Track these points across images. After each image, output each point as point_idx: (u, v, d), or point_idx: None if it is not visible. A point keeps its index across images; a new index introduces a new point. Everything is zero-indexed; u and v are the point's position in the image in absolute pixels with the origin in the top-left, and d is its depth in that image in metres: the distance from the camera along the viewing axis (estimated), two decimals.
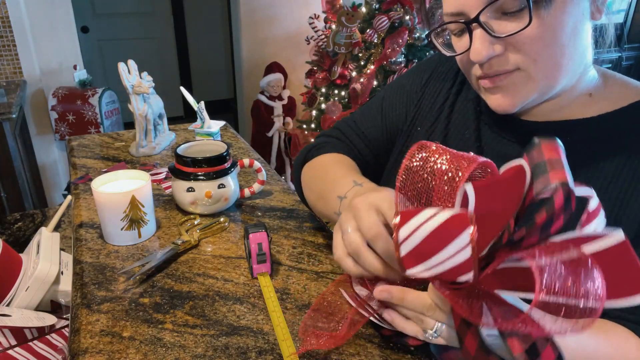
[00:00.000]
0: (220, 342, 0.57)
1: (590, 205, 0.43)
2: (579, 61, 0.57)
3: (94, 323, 0.60)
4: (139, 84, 1.09)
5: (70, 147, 1.21)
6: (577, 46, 0.55)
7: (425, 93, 0.75)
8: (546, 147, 0.41)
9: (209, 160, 0.84)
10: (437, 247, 0.42)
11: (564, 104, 0.60)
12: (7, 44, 2.36)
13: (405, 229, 0.43)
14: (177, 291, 0.67)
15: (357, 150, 0.80)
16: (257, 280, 0.69)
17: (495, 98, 0.58)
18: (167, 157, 1.16)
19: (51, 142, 2.63)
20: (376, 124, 0.79)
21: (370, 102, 0.83)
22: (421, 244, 0.42)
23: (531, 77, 0.55)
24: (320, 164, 0.77)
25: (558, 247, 0.38)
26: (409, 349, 0.58)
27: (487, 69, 0.56)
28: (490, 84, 0.57)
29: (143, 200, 0.77)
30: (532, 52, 0.52)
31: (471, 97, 0.70)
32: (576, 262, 0.37)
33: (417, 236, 0.42)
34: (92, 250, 0.76)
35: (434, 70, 0.76)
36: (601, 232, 0.39)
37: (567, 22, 0.52)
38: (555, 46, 0.52)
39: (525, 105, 0.59)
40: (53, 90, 2.43)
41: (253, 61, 3.27)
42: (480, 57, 0.53)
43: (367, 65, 2.48)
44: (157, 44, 4.29)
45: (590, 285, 0.35)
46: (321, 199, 0.71)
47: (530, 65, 0.53)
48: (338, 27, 2.44)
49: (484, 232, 0.40)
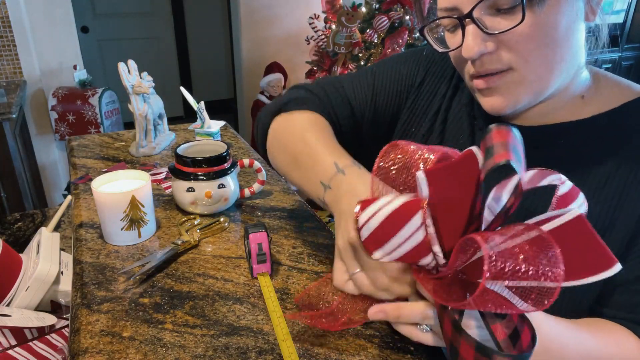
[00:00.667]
0: (220, 342, 0.57)
1: (560, 190, 0.44)
2: (571, 62, 0.56)
3: (94, 323, 0.60)
4: (139, 84, 1.09)
5: (70, 147, 1.21)
6: (570, 47, 0.54)
7: (421, 93, 0.74)
8: (496, 133, 0.42)
9: (209, 160, 0.84)
10: (392, 230, 0.44)
11: (557, 107, 0.60)
12: (7, 44, 2.36)
13: (364, 215, 0.45)
14: (177, 291, 0.67)
15: (337, 116, 0.75)
16: (257, 280, 0.69)
17: (488, 100, 0.58)
18: (167, 157, 1.16)
19: (51, 142, 2.63)
20: (365, 99, 0.75)
21: (359, 74, 0.78)
22: (378, 228, 0.44)
23: (523, 78, 0.54)
24: (299, 121, 0.71)
25: (519, 229, 0.39)
26: (409, 348, 0.58)
27: (479, 67, 0.55)
28: (484, 85, 0.56)
29: (143, 200, 0.77)
30: (524, 52, 0.52)
31: (465, 102, 0.70)
32: (534, 241, 0.38)
33: (374, 221, 0.44)
34: (92, 250, 0.76)
35: (428, 70, 0.75)
36: (560, 211, 0.40)
37: (561, 21, 0.51)
38: (547, 46, 0.52)
39: (519, 108, 0.58)
40: (53, 90, 2.43)
41: (253, 61, 3.27)
42: (471, 52, 0.53)
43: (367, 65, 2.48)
44: (157, 44, 4.29)
45: (547, 263, 0.37)
46: (298, 169, 0.66)
47: (522, 65, 0.53)
48: (338, 27, 2.44)
49: (444, 216, 0.42)
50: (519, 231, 0.39)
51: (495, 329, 0.42)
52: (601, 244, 0.39)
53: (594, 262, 0.39)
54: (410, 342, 0.59)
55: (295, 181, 0.68)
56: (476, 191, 0.42)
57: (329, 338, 0.58)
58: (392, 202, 0.44)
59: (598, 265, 0.39)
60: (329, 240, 0.81)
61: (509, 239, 0.39)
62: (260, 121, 0.78)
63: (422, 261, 0.45)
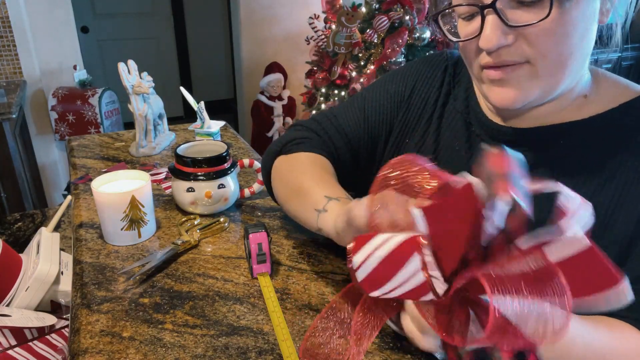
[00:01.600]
0: (220, 342, 0.57)
1: (560, 200, 0.44)
2: (582, 63, 0.56)
3: (94, 323, 0.60)
4: (139, 84, 1.09)
5: (70, 147, 1.21)
6: (584, 47, 0.55)
7: (411, 105, 0.75)
8: (493, 160, 0.41)
9: (209, 160, 0.84)
10: (390, 273, 0.43)
11: (561, 107, 0.60)
12: (7, 44, 2.36)
13: (360, 255, 0.44)
14: (177, 291, 0.67)
15: (334, 147, 0.77)
16: (257, 280, 0.69)
17: (499, 92, 0.56)
18: (167, 157, 1.16)
19: (51, 142, 2.63)
20: (358, 124, 0.77)
21: (350, 101, 0.81)
22: (375, 270, 0.43)
23: (537, 73, 0.54)
24: (298, 163, 0.75)
25: (521, 255, 0.38)
26: (409, 348, 0.58)
27: (495, 58, 0.54)
28: (499, 76, 0.55)
29: (143, 200, 0.77)
30: (543, 47, 0.52)
31: (460, 109, 0.70)
32: (540, 272, 0.37)
33: (370, 263, 0.43)
34: (92, 250, 0.76)
35: (417, 80, 0.75)
36: (567, 237, 0.38)
37: (581, 21, 0.51)
38: (565, 44, 0.52)
39: (525, 106, 0.58)
40: (53, 90, 2.43)
41: (253, 61, 3.27)
42: (490, 44, 0.52)
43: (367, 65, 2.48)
44: (157, 44, 4.29)
45: (554, 297, 0.36)
46: (296, 198, 0.70)
47: (538, 60, 0.53)
48: (338, 27, 2.44)
49: (443, 246, 0.42)
50: (522, 259, 0.38)
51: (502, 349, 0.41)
52: (606, 263, 0.38)
53: (600, 280, 0.38)
54: (410, 342, 0.59)
55: (292, 213, 0.72)
56: (476, 222, 0.41)
57: None
58: (388, 242, 0.43)
59: (604, 283, 0.38)
60: (329, 240, 0.81)
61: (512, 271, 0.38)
62: (263, 164, 0.83)
63: (423, 298, 0.44)
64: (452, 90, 0.72)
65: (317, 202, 0.64)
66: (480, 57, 0.56)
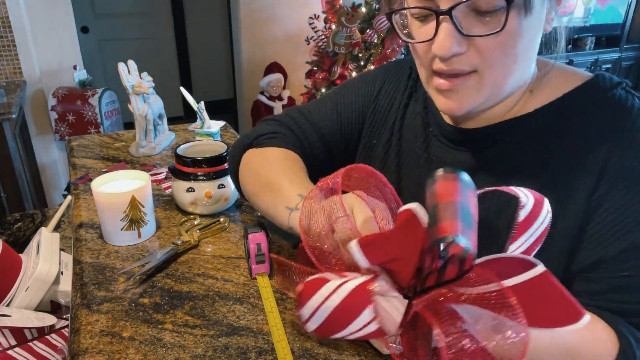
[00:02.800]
0: (220, 342, 0.57)
1: (520, 216, 0.45)
2: (526, 68, 0.57)
3: (94, 323, 0.60)
4: (138, 84, 1.09)
5: (70, 147, 1.21)
6: (530, 54, 0.56)
7: (378, 105, 0.76)
8: (441, 186, 0.41)
9: (208, 160, 0.84)
10: (343, 322, 0.44)
11: (510, 105, 0.61)
12: (7, 44, 2.36)
13: (308, 307, 0.45)
14: (177, 291, 0.67)
15: (308, 142, 0.77)
16: (256, 280, 0.69)
17: (446, 101, 0.57)
18: (167, 157, 1.16)
19: (51, 142, 2.63)
20: (332, 121, 0.78)
21: (323, 99, 0.81)
22: (326, 321, 0.44)
23: (483, 82, 0.54)
24: (269, 157, 0.74)
25: (476, 282, 0.39)
26: None
27: (447, 66, 0.54)
28: (446, 86, 0.56)
29: (143, 200, 0.77)
30: (492, 57, 0.52)
31: (418, 111, 0.71)
32: (493, 298, 0.38)
33: (321, 314, 0.44)
34: (92, 251, 0.76)
35: (385, 81, 0.76)
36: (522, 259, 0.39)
37: (528, 32, 0.52)
38: (512, 54, 0.52)
39: (471, 111, 0.58)
40: (53, 90, 2.43)
41: (253, 61, 3.27)
42: (444, 51, 0.51)
43: (367, 65, 2.48)
44: (157, 44, 4.29)
45: (509, 323, 0.36)
46: (267, 194, 0.69)
47: (485, 70, 0.53)
48: (338, 27, 2.45)
49: (396, 275, 0.43)
50: (479, 284, 0.39)
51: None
52: (568, 298, 0.39)
53: (561, 315, 0.39)
54: None
55: (263, 208, 0.71)
56: (422, 250, 0.41)
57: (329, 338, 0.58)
58: (338, 291, 0.43)
59: (565, 318, 0.39)
60: None
61: (467, 299, 0.38)
62: (231, 155, 0.81)
63: (385, 337, 0.45)
64: (413, 93, 0.74)
65: (290, 200, 0.64)
66: (434, 62, 0.56)
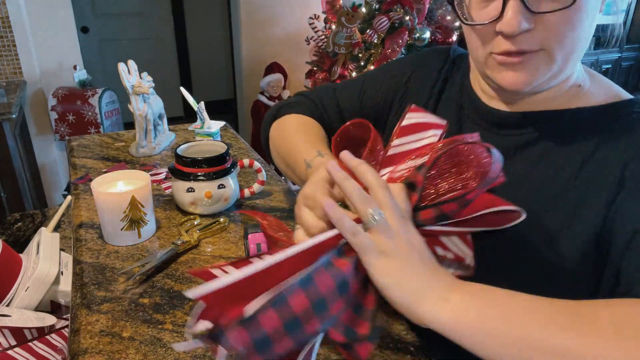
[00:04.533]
0: None
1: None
2: (584, 51, 0.57)
3: (94, 323, 0.60)
4: (139, 84, 1.09)
5: (70, 148, 1.21)
6: (589, 38, 0.56)
7: (409, 89, 0.77)
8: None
9: (209, 160, 0.84)
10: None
11: (557, 95, 0.61)
12: (7, 44, 2.36)
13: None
14: (177, 291, 0.67)
15: (328, 118, 0.82)
16: None
17: (511, 75, 0.56)
18: (167, 158, 1.16)
19: (51, 142, 2.63)
20: (353, 99, 0.82)
21: (353, 79, 0.86)
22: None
23: (552, 58, 0.54)
24: (288, 124, 0.80)
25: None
26: (409, 349, 0.58)
27: (514, 44, 0.53)
28: (518, 61, 0.54)
29: (143, 200, 0.77)
30: (560, 34, 0.52)
31: (452, 95, 0.72)
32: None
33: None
34: (92, 251, 0.76)
35: (414, 71, 0.77)
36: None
37: (592, 11, 0.53)
38: (579, 32, 0.53)
39: (536, 86, 0.57)
40: (53, 90, 2.43)
41: (253, 61, 3.27)
42: (512, 28, 0.51)
43: (367, 65, 2.48)
44: (157, 44, 4.29)
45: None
46: (288, 165, 0.75)
47: (554, 46, 0.53)
48: (338, 27, 2.44)
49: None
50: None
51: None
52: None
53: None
54: (410, 343, 0.59)
55: (290, 175, 0.76)
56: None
57: (329, 338, 0.58)
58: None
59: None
60: None
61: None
62: (262, 128, 0.87)
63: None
64: (449, 77, 0.74)
65: (308, 153, 0.68)
66: (496, 43, 0.55)
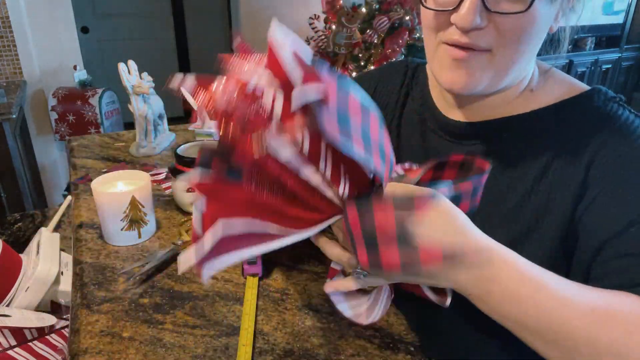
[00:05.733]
0: (220, 342, 0.57)
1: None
2: (529, 60, 0.57)
3: (94, 323, 0.60)
4: (139, 84, 1.09)
5: (70, 148, 1.21)
6: (536, 46, 0.56)
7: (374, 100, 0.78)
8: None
9: None
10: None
11: (509, 99, 0.61)
12: (7, 44, 2.36)
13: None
14: (177, 291, 0.67)
15: None
16: (258, 280, 0.69)
17: (452, 75, 0.56)
18: (167, 158, 1.16)
19: (51, 143, 2.63)
20: None
21: None
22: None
23: (493, 62, 0.54)
24: None
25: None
26: (409, 349, 0.58)
27: (463, 39, 0.53)
28: (461, 56, 0.54)
29: (143, 200, 0.77)
30: (508, 37, 0.52)
31: (415, 108, 0.72)
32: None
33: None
34: (92, 251, 0.76)
35: (379, 82, 0.78)
36: None
37: (544, 20, 0.52)
38: (525, 40, 0.52)
39: (473, 94, 0.58)
40: (53, 90, 2.43)
41: None
42: (467, 23, 0.51)
43: (367, 65, 2.48)
44: (157, 44, 4.29)
45: None
46: None
47: (499, 50, 0.53)
48: (338, 27, 2.44)
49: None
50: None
51: None
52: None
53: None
54: (410, 342, 0.59)
55: None
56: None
57: (329, 338, 0.58)
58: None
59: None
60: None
61: None
62: None
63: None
64: (410, 92, 0.75)
65: None
66: (447, 33, 0.55)
